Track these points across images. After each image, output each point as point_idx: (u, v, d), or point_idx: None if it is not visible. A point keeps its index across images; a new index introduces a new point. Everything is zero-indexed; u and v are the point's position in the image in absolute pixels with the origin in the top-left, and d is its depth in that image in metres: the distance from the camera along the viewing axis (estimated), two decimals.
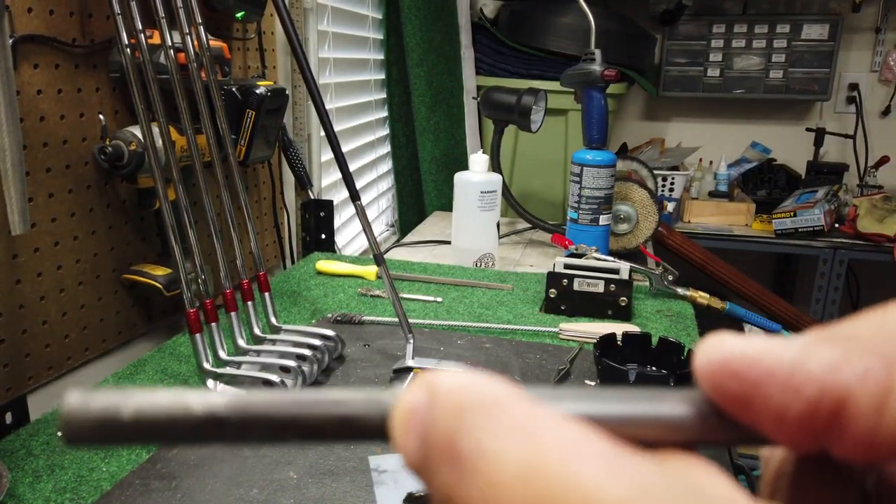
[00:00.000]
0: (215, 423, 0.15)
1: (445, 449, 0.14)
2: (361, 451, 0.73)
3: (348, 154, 1.69)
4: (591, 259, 1.20)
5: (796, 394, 0.14)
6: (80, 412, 0.15)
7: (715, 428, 0.16)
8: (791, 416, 0.14)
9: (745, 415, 0.15)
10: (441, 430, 0.14)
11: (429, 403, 0.14)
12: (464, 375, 0.15)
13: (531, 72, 2.05)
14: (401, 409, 0.15)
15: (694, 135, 2.86)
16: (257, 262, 0.96)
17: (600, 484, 0.12)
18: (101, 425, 0.15)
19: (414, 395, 0.15)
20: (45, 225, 0.86)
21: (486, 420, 0.14)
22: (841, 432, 0.14)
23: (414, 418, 0.15)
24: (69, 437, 0.15)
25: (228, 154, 0.93)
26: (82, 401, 0.15)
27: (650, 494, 0.12)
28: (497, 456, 0.13)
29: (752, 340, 0.15)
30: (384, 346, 1.00)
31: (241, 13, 1.10)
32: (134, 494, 0.65)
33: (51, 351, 0.88)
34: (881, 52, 2.66)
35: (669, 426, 0.16)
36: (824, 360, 0.14)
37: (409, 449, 0.14)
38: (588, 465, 0.13)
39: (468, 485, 0.13)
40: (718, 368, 0.15)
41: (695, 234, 2.31)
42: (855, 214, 2.29)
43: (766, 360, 0.15)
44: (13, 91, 0.67)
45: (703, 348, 0.16)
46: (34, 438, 0.74)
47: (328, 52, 1.59)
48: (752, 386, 0.15)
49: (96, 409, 0.15)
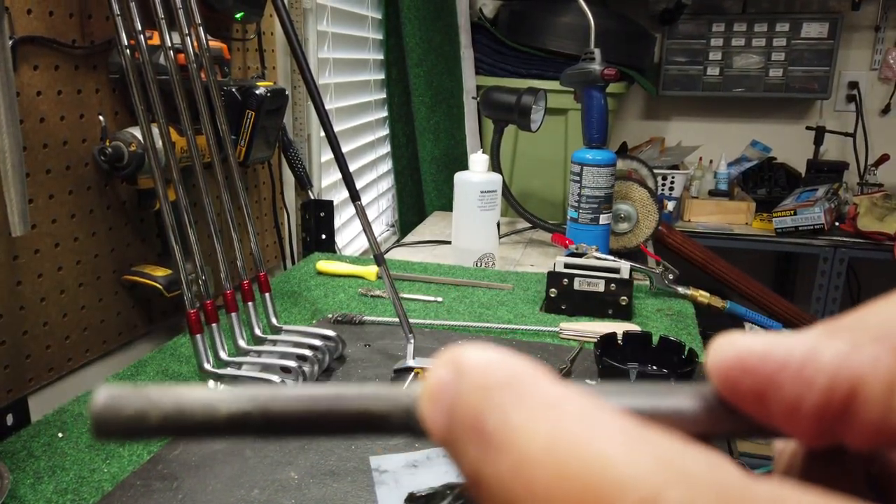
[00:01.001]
0: (241, 422, 0.16)
1: (472, 426, 0.14)
2: (362, 452, 0.73)
3: (348, 154, 1.69)
4: (592, 258, 1.20)
5: (809, 385, 0.14)
6: (110, 412, 0.15)
7: (723, 420, 0.16)
8: (805, 408, 0.15)
9: (760, 410, 0.15)
10: (468, 408, 0.14)
11: (455, 379, 0.15)
12: (489, 352, 0.15)
13: (531, 71, 2.05)
14: (428, 385, 0.15)
15: (694, 134, 2.86)
16: (257, 262, 0.96)
17: (623, 457, 0.12)
18: (130, 426, 0.15)
19: (440, 371, 0.15)
20: (46, 226, 0.86)
21: (513, 397, 0.14)
22: (853, 420, 0.14)
23: (441, 394, 0.15)
24: (98, 434, 0.15)
25: (228, 155, 0.93)
26: (112, 401, 0.15)
27: (672, 468, 0.12)
28: (524, 433, 0.13)
29: (762, 337, 0.16)
30: (385, 346, 1.00)
31: (241, 14, 1.10)
32: (135, 495, 0.65)
33: (51, 352, 0.88)
34: (881, 50, 2.66)
35: (678, 419, 0.16)
36: (834, 351, 0.15)
37: (437, 425, 0.15)
38: (611, 439, 0.13)
39: (496, 461, 0.13)
40: (731, 366, 0.16)
41: (695, 233, 2.31)
42: (855, 213, 2.29)
43: (777, 355, 0.15)
44: (13, 92, 0.67)
45: (714, 348, 0.16)
46: (35, 440, 0.74)
47: (328, 52, 1.59)
48: (764, 381, 0.15)
49: (126, 411, 0.15)
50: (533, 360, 0.15)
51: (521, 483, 0.13)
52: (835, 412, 0.14)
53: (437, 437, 0.15)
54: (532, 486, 0.13)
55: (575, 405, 0.14)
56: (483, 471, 0.13)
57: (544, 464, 0.13)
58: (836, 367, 0.14)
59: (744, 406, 0.16)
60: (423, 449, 0.73)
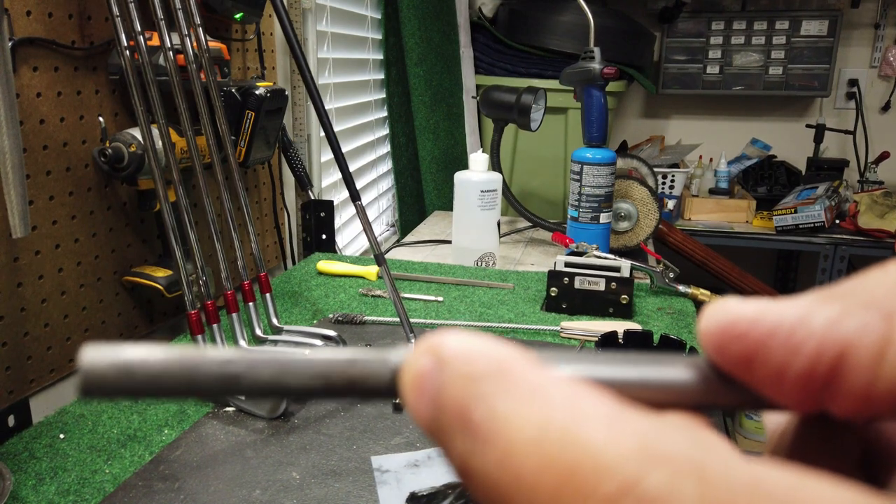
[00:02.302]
0: (230, 378, 0.16)
1: (459, 417, 0.14)
2: (364, 452, 0.73)
3: (348, 154, 1.69)
4: (592, 257, 1.20)
5: (796, 351, 0.14)
6: (97, 367, 0.15)
7: (718, 391, 0.16)
8: (791, 374, 0.14)
9: (748, 376, 0.15)
10: (453, 398, 0.14)
11: (437, 368, 0.14)
12: (470, 339, 0.15)
13: (530, 70, 2.05)
14: (408, 374, 0.15)
15: (694, 132, 2.86)
16: (258, 262, 0.96)
17: (606, 441, 0.13)
18: (117, 380, 0.15)
19: (421, 360, 0.15)
20: (46, 228, 0.86)
21: (498, 386, 0.14)
22: (840, 387, 0.14)
23: (424, 384, 0.15)
24: (85, 391, 0.15)
25: (228, 155, 0.93)
26: (99, 356, 0.15)
27: (654, 451, 0.12)
28: (511, 423, 0.13)
29: (754, 302, 0.15)
30: (386, 345, 1.00)
31: (240, 14, 1.10)
32: (137, 496, 0.65)
33: (52, 353, 0.88)
34: (880, 47, 2.66)
35: (673, 389, 0.16)
36: (825, 317, 0.14)
37: (422, 415, 0.15)
38: (595, 425, 0.13)
39: (484, 452, 0.13)
40: (722, 330, 0.15)
41: (695, 232, 2.31)
42: (855, 210, 2.29)
43: (767, 320, 0.15)
44: (13, 94, 0.67)
45: (706, 313, 0.16)
46: (37, 441, 0.74)
47: (327, 52, 1.59)
48: (753, 346, 0.15)
49: (114, 365, 0.15)
50: (514, 345, 0.15)
51: (509, 474, 0.13)
52: (822, 378, 0.14)
53: (422, 427, 0.15)
54: (520, 477, 0.13)
55: (560, 392, 0.13)
56: (471, 462, 0.13)
57: (531, 454, 0.13)
58: (824, 332, 0.14)
59: (733, 372, 0.16)
60: (425, 448, 0.73)
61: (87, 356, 0.15)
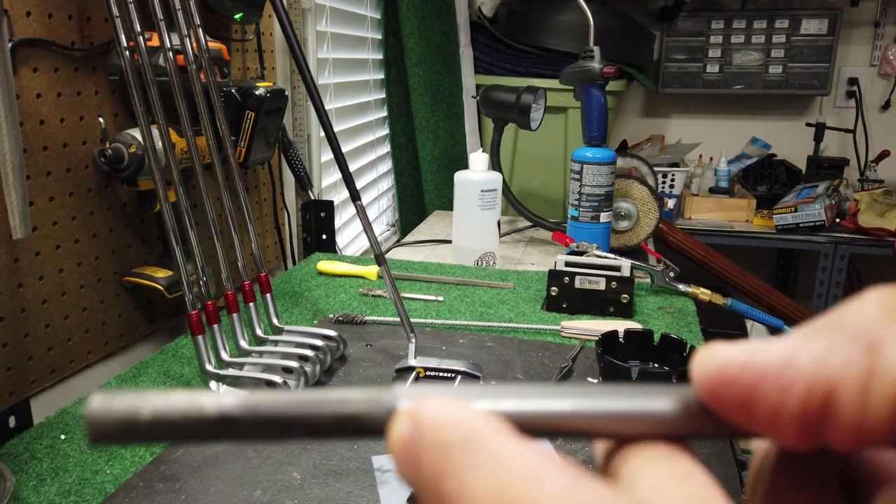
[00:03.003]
0: (227, 422, 0.16)
1: (433, 486, 0.15)
2: (364, 452, 0.73)
3: (348, 154, 1.69)
4: (592, 256, 1.20)
5: (787, 391, 0.15)
6: (102, 415, 0.16)
7: (702, 423, 0.17)
8: (786, 414, 0.15)
9: (748, 421, 0.16)
10: (428, 468, 0.15)
11: (415, 436, 0.16)
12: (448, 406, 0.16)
13: (530, 70, 2.05)
14: (393, 439, 0.16)
15: (694, 131, 2.85)
16: (258, 263, 0.96)
17: None
18: (122, 427, 0.16)
19: (403, 426, 0.16)
20: (46, 228, 0.86)
21: (465, 458, 0.15)
22: (833, 422, 0.14)
23: (405, 451, 0.16)
24: (93, 438, 0.16)
25: (228, 155, 0.93)
26: (104, 404, 0.16)
27: None
28: (476, 496, 0.14)
29: (741, 346, 0.16)
30: (386, 345, 1.00)
31: (240, 15, 1.10)
32: (138, 496, 0.65)
33: (53, 354, 0.88)
34: (880, 46, 2.66)
35: (655, 421, 0.17)
36: (810, 355, 0.15)
37: (406, 478, 0.16)
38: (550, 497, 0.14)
39: None
40: (713, 378, 0.16)
41: (696, 231, 2.31)
42: (856, 209, 2.29)
43: (756, 364, 0.15)
44: (13, 95, 0.67)
45: (696, 361, 0.16)
46: (38, 442, 0.74)
47: (327, 52, 1.59)
48: (746, 390, 0.15)
49: (117, 413, 0.16)
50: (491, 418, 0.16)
51: None
52: (815, 416, 0.14)
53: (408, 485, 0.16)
54: None
55: (522, 463, 0.15)
56: None
57: None
58: (812, 371, 0.15)
59: (731, 415, 0.16)
60: None
61: (92, 405, 0.16)
